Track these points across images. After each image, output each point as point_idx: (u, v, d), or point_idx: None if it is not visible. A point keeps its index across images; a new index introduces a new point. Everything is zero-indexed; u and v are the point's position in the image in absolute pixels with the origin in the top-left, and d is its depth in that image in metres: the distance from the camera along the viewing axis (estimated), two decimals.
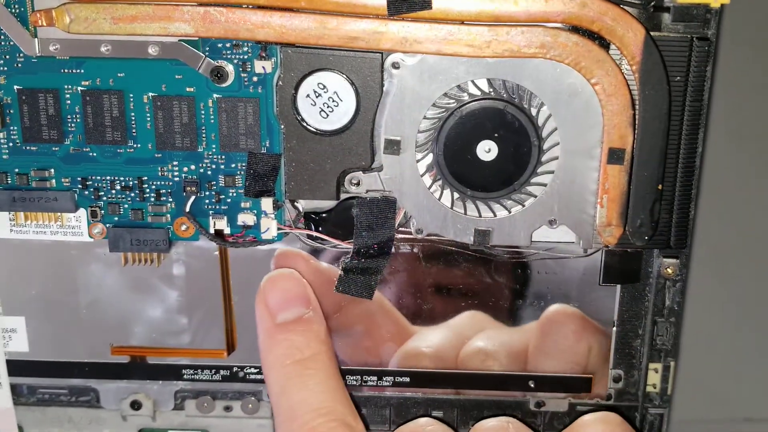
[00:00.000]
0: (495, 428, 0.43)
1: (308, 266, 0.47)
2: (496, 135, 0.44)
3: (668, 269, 0.47)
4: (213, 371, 0.50)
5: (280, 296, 0.45)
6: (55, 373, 0.50)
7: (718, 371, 0.62)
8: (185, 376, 0.50)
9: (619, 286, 0.48)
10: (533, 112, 0.44)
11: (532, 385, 0.49)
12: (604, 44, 0.42)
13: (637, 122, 0.43)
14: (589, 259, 0.47)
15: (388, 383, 0.49)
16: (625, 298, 0.48)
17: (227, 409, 0.50)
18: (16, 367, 0.50)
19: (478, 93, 0.44)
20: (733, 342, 0.62)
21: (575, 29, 0.42)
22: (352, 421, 0.42)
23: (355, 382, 0.50)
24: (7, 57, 0.44)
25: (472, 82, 0.43)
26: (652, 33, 0.42)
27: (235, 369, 0.50)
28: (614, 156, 0.43)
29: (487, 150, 0.44)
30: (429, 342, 0.49)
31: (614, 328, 0.48)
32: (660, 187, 0.44)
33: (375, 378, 0.49)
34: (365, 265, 0.46)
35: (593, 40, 0.42)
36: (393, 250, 0.47)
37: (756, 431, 0.62)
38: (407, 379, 0.49)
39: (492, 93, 0.43)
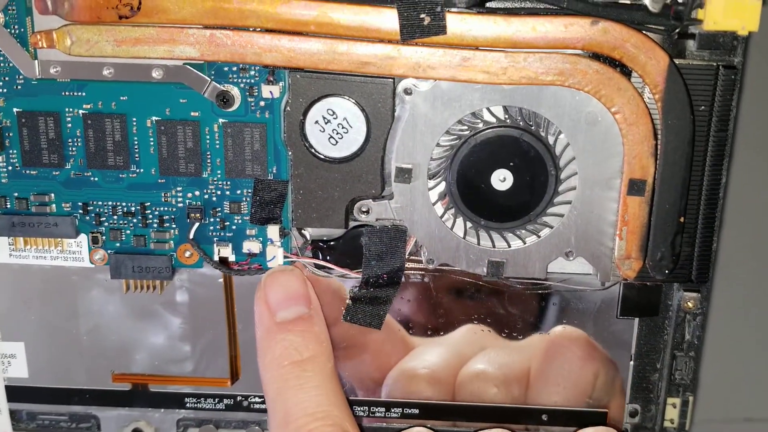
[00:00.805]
0: None
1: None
2: (511, 164, 0.42)
3: (689, 303, 0.45)
4: (216, 400, 0.48)
5: (280, 294, 0.43)
6: (55, 400, 0.49)
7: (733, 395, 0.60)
8: (188, 405, 0.49)
9: (637, 320, 0.46)
10: (550, 140, 0.42)
11: (545, 419, 0.47)
12: (626, 72, 0.40)
13: (658, 152, 0.41)
14: (607, 291, 0.45)
15: (396, 414, 0.48)
16: (643, 331, 0.46)
17: None
18: (15, 393, 0.49)
19: (494, 120, 0.42)
20: (754, 374, 0.60)
21: (596, 56, 0.40)
22: (349, 426, 0.41)
23: (362, 413, 0.48)
24: (7, 79, 0.42)
25: (488, 109, 0.42)
26: (676, 60, 0.40)
27: (239, 398, 0.48)
28: (635, 187, 0.42)
29: (502, 179, 0.43)
30: (426, 362, 0.48)
31: (631, 362, 0.47)
32: (682, 219, 0.42)
33: (383, 409, 0.48)
34: (374, 294, 0.45)
35: (614, 67, 0.40)
36: (403, 279, 0.45)
37: (756, 431, 0.61)
38: (416, 411, 0.48)
39: (508, 120, 0.42)
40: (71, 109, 0.43)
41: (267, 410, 0.42)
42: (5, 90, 0.43)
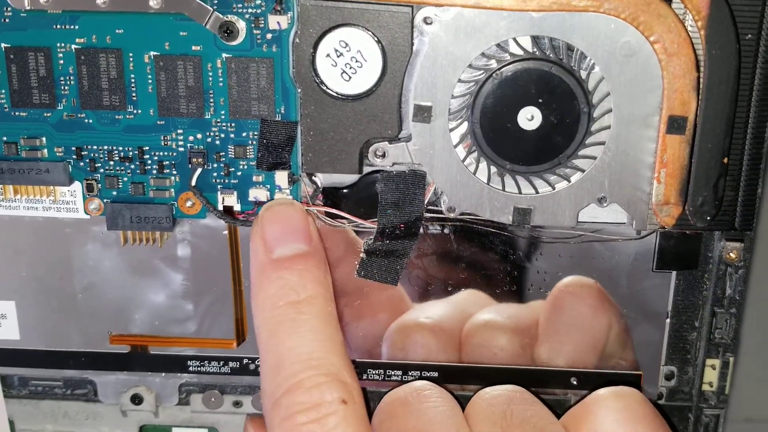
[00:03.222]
0: (499, 398, 0.38)
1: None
2: (540, 100, 0.39)
3: (731, 254, 0.42)
4: (221, 363, 0.45)
5: (278, 228, 0.40)
6: (49, 364, 0.46)
7: None
8: (191, 368, 0.45)
9: (674, 273, 0.43)
10: (583, 74, 0.39)
11: (575, 382, 0.44)
12: None
13: (701, 86, 0.38)
14: (642, 242, 0.42)
15: (413, 378, 0.45)
16: (680, 286, 0.43)
17: (236, 404, 0.46)
18: (6, 356, 0.46)
19: (521, 52, 0.39)
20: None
21: None
22: (346, 376, 0.36)
23: (377, 377, 0.45)
24: None
25: (514, 40, 0.38)
26: None
27: (245, 361, 0.45)
28: (674, 125, 0.38)
29: (529, 117, 0.39)
30: (429, 314, 0.45)
31: (668, 320, 0.44)
32: (726, 160, 0.39)
33: (400, 372, 0.45)
34: (390, 247, 0.42)
35: None
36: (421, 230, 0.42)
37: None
38: (435, 374, 0.45)
39: (536, 52, 0.38)
40: (63, 44, 0.40)
41: (258, 354, 0.38)
42: None
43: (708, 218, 0.39)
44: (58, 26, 0.39)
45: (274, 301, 0.38)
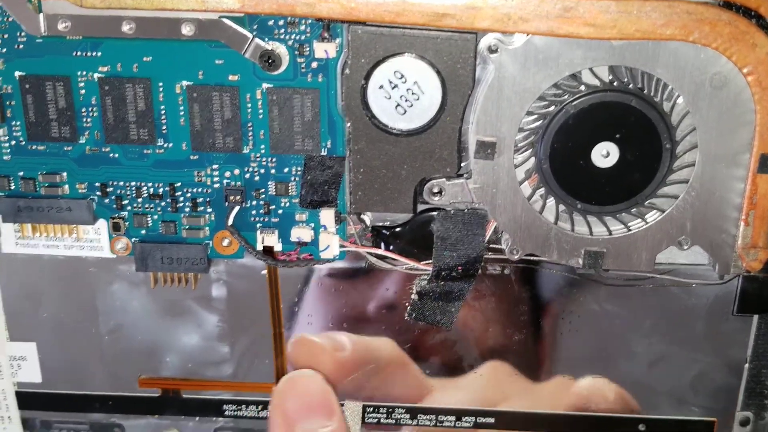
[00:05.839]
0: None
1: (330, 359, 0.40)
2: (617, 136, 0.35)
3: None
4: (259, 407, 0.42)
5: (300, 402, 0.39)
6: (74, 407, 0.43)
7: None
8: (227, 412, 0.43)
9: (756, 317, 0.39)
10: (666, 107, 0.35)
11: (643, 429, 0.41)
12: (764, 24, 0.33)
13: None
14: (722, 285, 0.39)
15: (468, 424, 0.41)
16: (762, 329, 0.40)
17: None
18: (27, 399, 0.43)
19: (597, 83, 0.35)
20: None
21: (727, 5, 0.33)
22: None
23: (428, 423, 0.42)
24: (6, 37, 0.35)
25: (591, 70, 0.34)
26: None
27: None
28: (767, 164, 0.34)
29: (604, 154, 0.35)
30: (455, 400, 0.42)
31: (746, 365, 0.40)
32: None
33: (453, 418, 0.42)
34: (445, 288, 0.38)
35: (749, 18, 0.33)
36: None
37: None
38: (492, 420, 0.41)
39: (615, 83, 0.34)
40: (84, 73, 0.36)
41: None
42: (5, 50, 0.36)
43: None
44: (79, 53, 0.35)
45: None
